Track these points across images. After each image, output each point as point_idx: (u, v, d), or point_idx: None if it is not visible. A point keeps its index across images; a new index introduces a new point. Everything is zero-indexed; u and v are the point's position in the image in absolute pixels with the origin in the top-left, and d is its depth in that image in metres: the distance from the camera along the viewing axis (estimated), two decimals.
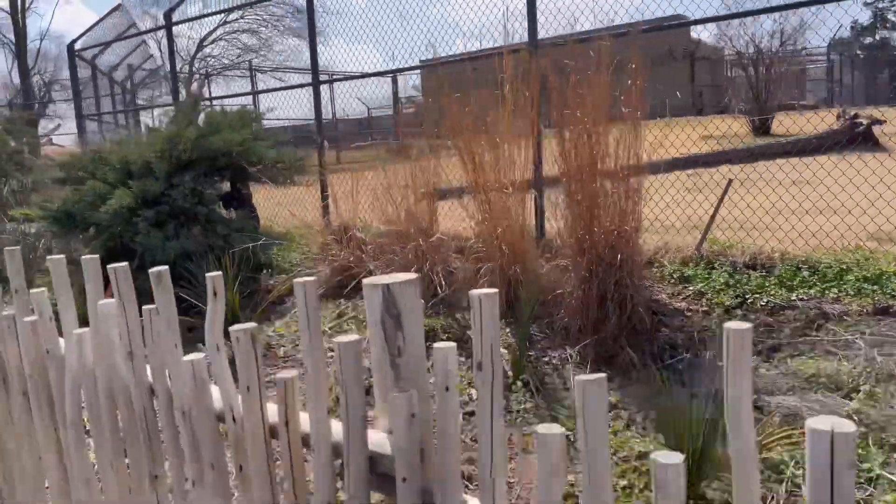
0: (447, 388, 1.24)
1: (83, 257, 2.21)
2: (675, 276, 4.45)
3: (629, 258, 3.78)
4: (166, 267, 1.74)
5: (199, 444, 1.73)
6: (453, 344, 1.26)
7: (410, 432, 1.30)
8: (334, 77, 10.49)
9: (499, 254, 4.35)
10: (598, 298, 3.74)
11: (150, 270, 1.71)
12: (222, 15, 23.97)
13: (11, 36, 25.19)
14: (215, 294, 1.60)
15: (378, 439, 1.41)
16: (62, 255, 2.19)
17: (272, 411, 1.55)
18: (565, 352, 3.79)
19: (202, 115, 6.43)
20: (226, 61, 26.23)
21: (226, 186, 6.26)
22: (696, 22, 6.21)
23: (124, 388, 1.96)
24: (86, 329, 2.09)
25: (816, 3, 4.75)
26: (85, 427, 2.21)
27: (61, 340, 2.23)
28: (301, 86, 7.24)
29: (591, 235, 3.76)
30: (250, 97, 19.13)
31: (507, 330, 4.15)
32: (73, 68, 10.20)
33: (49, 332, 2.20)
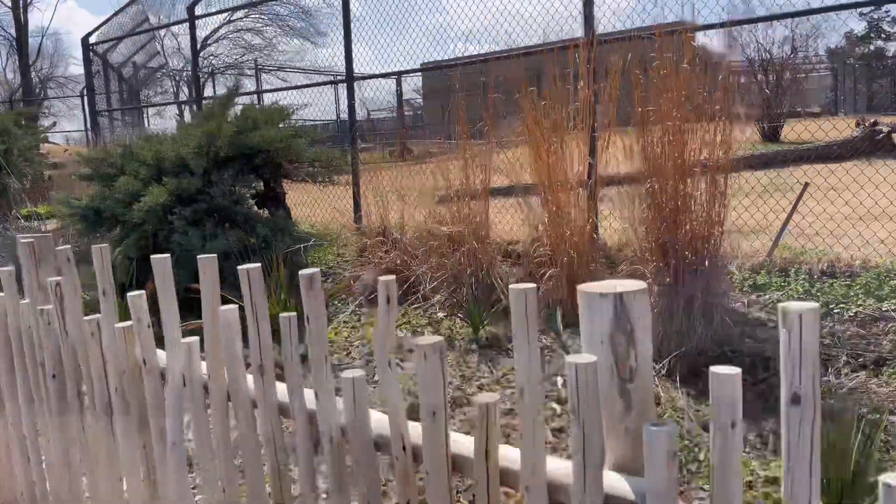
0: (733, 425, 1.02)
1: (154, 256, 2.00)
2: (747, 283, 4.25)
3: (715, 265, 3.57)
4: (317, 270, 1.51)
5: (348, 476, 1.51)
6: (737, 370, 1.03)
7: (670, 473, 1.08)
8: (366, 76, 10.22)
9: (565, 258, 4.14)
10: (684, 307, 3.53)
11: (300, 273, 1.48)
12: (226, 14, 23.73)
13: (13, 31, 24.83)
14: (388, 301, 1.38)
15: (607, 480, 1.18)
16: (166, 255, 1.96)
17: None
18: None
19: (233, 111, 6.20)
20: (229, 60, 25.96)
21: (258, 185, 6.02)
22: (739, 23, 6.18)
23: (245, 405, 1.73)
24: (193, 338, 1.86)
25: (827, 10, 4.65)
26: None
27: (159, 351, 2.00)
28: (333, 82, 7.01)
29: (676, 239, 3.54)
30: (255, 96, 18.92)
31: (578, 340, 3.93)
32: (87, 62, 9.94)
33: (147, 340, 1.97)
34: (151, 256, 1.93)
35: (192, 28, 8.14)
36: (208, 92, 26.62)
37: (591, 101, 4.10)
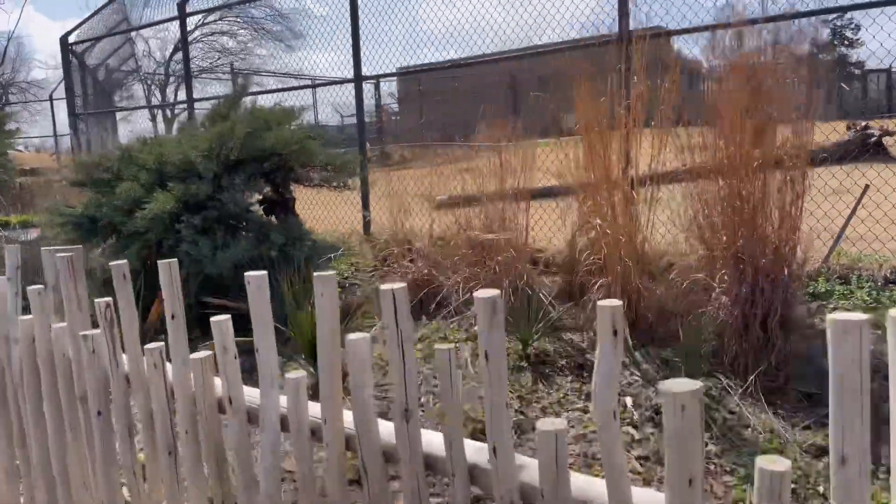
0: None
1: (250, 274, 1.66)
2: (807, 292, 4.00)
3: (794, 273, 3.32)
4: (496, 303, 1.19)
5: None
6: None
7: None
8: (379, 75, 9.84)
9: (618, 266, 3.85)
10: (761, 320, 3.26)
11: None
12: (200, 16, 23.20)
13: None
14: (615, 333, 1.06)
15: None
16: (262, 272, 1.62)
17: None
18: (720, 381, 3.29)
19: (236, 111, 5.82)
20: (203, 64, 25.37)
21: (266, 190, 5.65)
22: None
23: (376, 458, 1.40)
24: (300, 374, 1.52)
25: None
26: None
27: (246, 388, 1.66)
28: (342, 81, 6.66)
29: (751, 245, 3.28)
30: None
31: (637, 354, 3.65)
32: (66, 63, 9.44)
33: (233, 374, 1.63)
34: (248, 275, 1.59)
35: (183, 26, 7.73)
36: (181, 96, 25.98)
37: (645, 97, 3.84)
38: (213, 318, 1.63)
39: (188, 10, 7.72)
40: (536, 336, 3.76)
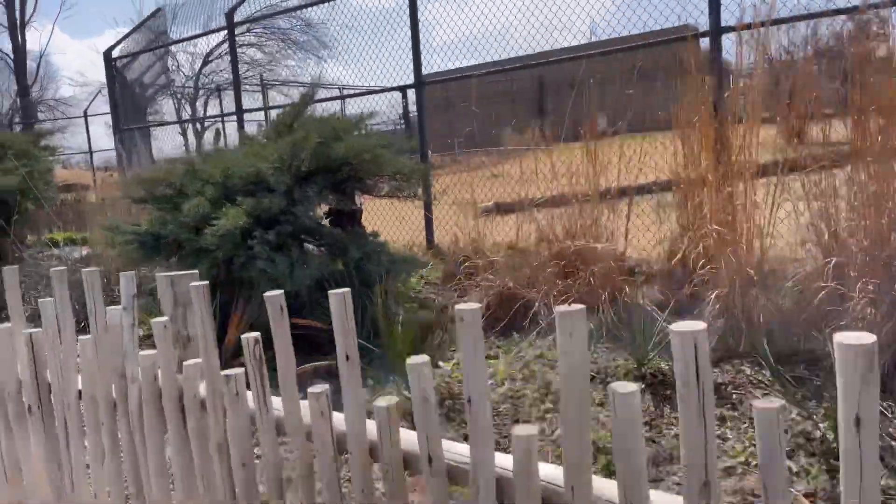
0: None
1: (335, 292, 1.40)
2: None
3: None
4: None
5: None
6: None
7: None
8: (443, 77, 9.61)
9: (735, 275, 3.56)
10: None
11: None
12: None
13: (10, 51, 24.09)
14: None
15: None
16: (345, 289, 1.36)
17: None
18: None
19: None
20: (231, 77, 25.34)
21: (332, 201, 5.42)
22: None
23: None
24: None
25: None
26: None
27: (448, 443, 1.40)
28: (400, 88, 6.43)
29: None
30: (262, 112, 18.37)
31: (765, 373, 3.35)
32: (110, 78, 9.32)
33: (433, 428, 1.37)
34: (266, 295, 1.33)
35: (232, 36, 7.55)
36: (210, 110, 26.01)
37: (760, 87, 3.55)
38: (410, 362, 1.36)
39: (236, 18, 7.54)
40: (653, 354, 3.47)
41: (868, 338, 0.88)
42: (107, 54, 9.14)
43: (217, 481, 1.81)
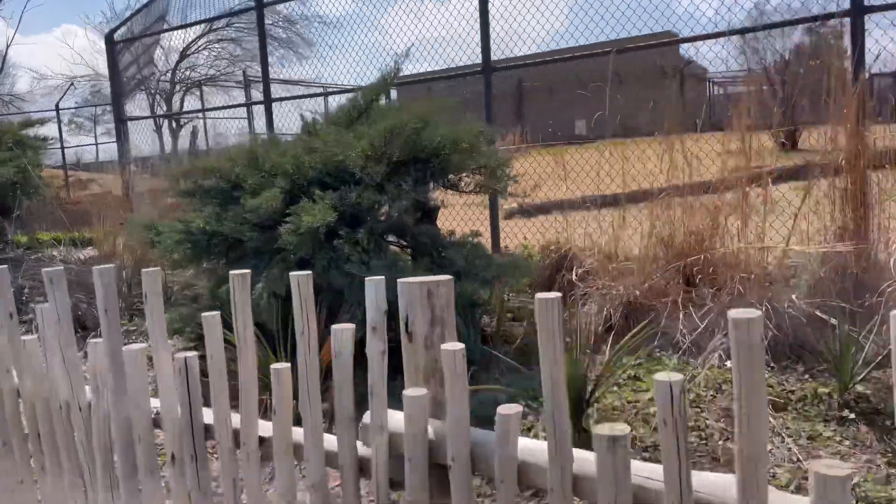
0: None
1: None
2: None
3: None
4: None
5: None
6: None
7: None
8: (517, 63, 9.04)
9: None
10: None
11: None
12: (205, 24, 22.33)
13: None
14: None
15: None
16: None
17: None
18: None
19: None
20: (212, 72, 24.47)
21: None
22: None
23: None
24: None
25: None
26: None
27: None
28: (466, 74, 5.85)
29: None
30: (244, 109, 17.60)
31: None
32: (112, 63, 8.54)
33: None
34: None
35: (261, 17, 6.89)
36: (187, 105, 25.02)
37: None
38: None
39: None
40: (860, 377, 2.96)
41: None
42: (109, 36, 8.37)
43: None
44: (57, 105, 19.39)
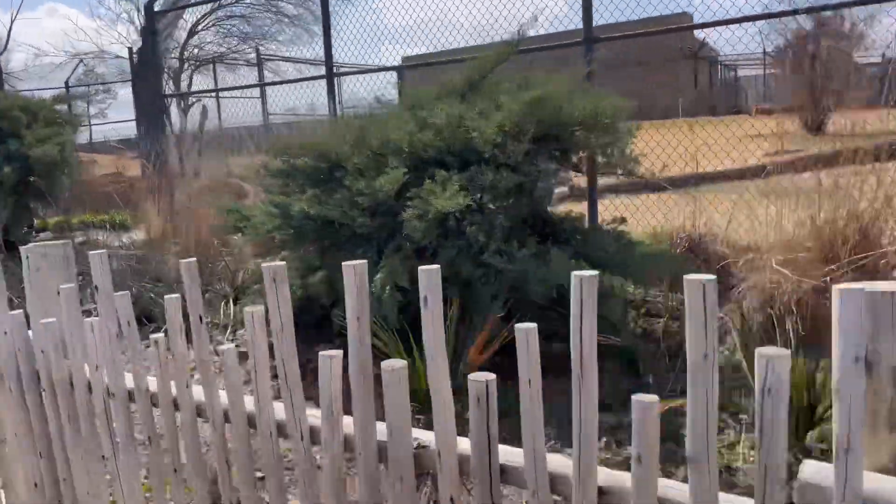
0: None
1: None
2: None
3: None
4: None
5: None
6: None
7: None
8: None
9: None
10: None
11: None
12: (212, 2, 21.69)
13: None
14: None
15: None
16: None
17: None
18: None
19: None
20: (223, 49, 23.81)
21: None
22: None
23: None
24: None
25: None
26: None
27: None
28: (567, 45, 5.38)
29: None
30: (257, 88, 17.06)
31: None
32: (151, 34, 8.01)
33: None
34: None
35: None
36: (196, 85, 24.36)
37: None
38: None
39: None
40: None
41: None
42: (148, 7, 7.84)
43: None
44: (67, 82, 18.78)
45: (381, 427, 1.58)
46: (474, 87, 4.13)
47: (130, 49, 17.64)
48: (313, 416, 1.71)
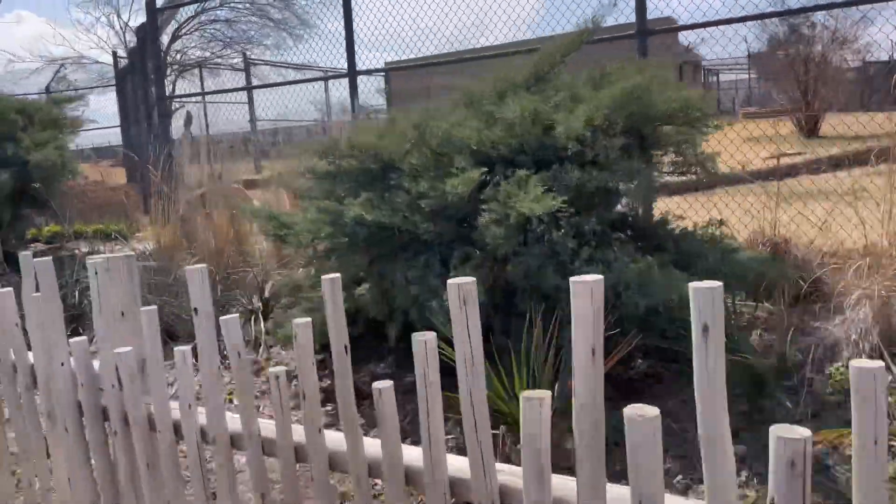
0: None
1: None
2: None
3: None
4: None
5: None
6: None
7: None
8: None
9: None
10: None
11: None
12: (196, 4, 21.20)
13: None
14: None
15: None
16: None
17: None
18: None
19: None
20: (204, 55, 23.33)
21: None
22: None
23: None
24: None
25: None
26: None
27: None
28: (619, 37, 5.05)
29: None
30: (244, 93, 16.64)
31: None
32: (153, 32, 7.57)
33: None
34: None
35: None
36: (188, 88, 23.81)
37: None
38: None
39: None
40: None
41: None
42: (149, 4, 7.41)
43: None
44: (48, 88, 18.17)
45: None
46: (541, 80, 3.80)
47: (115, 53, 17.15)
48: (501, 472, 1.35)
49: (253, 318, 4.69)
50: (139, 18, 23.16)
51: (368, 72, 6.32)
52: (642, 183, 3.16)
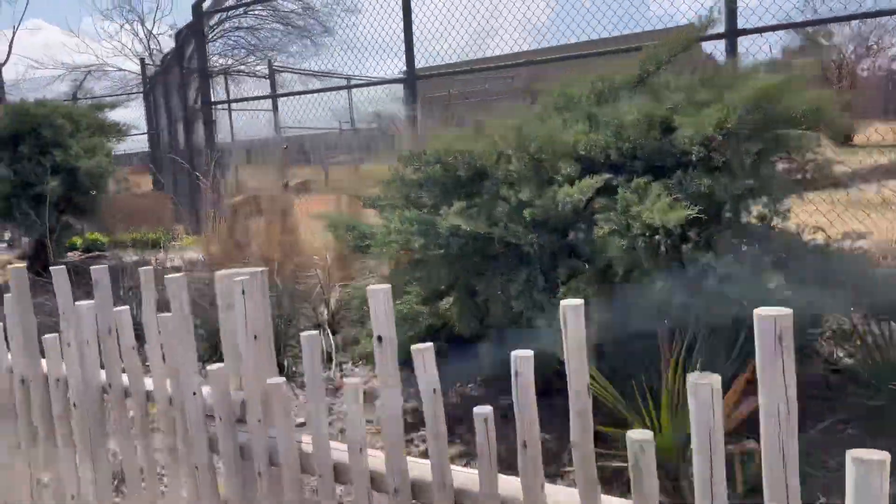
0: None
1: None
2: None
3: None
4: None
5: None
6: None
7: None
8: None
9: None
10: None
11: None
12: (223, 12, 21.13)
13: None
14: None
15: None
16: None
17: None
18: None
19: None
20: (231, 61, 23.25)
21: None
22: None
23: None
24: None
25: None
26: None
27: None
28: (703, 38, 4.79)
29: None
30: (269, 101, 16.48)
31: None
32: (199, 35, 7.39)
33: None
34: None
35: None
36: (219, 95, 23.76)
37: None
38: None
39: None
40: None
41: None
42: (196, 6, 7.23)
43: None
44: (75, 95, 18.11)
45: None
46: (644, 81, 3.55)
47: (142, 60, 17.02)
48: None
49: (322, 333, 4.45)
50: (162, 27, 23.08)
51: (429, 76, 6.06)
52: (777, 191, 2.90)
